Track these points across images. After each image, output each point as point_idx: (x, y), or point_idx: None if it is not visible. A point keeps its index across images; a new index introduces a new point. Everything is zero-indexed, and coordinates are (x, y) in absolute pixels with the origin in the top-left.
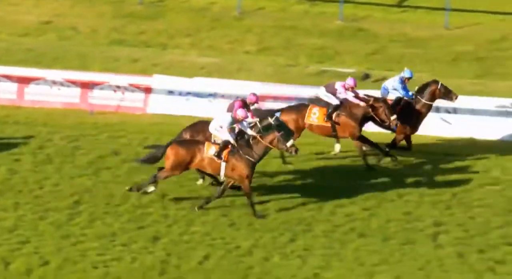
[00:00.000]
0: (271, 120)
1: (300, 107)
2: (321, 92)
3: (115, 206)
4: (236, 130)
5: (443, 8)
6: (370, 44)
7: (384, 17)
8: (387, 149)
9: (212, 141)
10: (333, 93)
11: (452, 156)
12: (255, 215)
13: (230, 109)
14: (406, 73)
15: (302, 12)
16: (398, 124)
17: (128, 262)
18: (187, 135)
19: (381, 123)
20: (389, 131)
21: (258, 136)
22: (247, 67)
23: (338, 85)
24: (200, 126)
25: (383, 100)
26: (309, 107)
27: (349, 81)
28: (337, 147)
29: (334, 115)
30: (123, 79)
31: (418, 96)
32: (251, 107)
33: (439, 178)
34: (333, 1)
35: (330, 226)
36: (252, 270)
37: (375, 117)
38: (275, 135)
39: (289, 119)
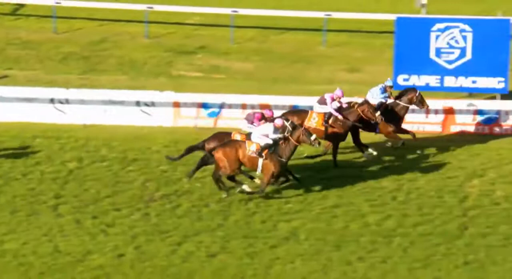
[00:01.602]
0: (286, 124)
1: (302, 112)
2: (316, 106)
3: None
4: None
5: (51, 16)
6: None
7: (1, 23)
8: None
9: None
10: (325, 104)
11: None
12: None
13: (251, 119)
14: (388, 82)
15: None
16: (383, 122)
17: None
18: (210, 146)
19: (366, 126)
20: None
21: (288, 135)
22: None
23: (327, 96)
24: (221, 137)
25: (366, 102)
26: (309, 113)
27: (337, 92)
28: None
29: (330, 120)
30: None
31: (397, 100)
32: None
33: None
34: None
35: None
36: None
37: (363, 116)
38: (300, 131)
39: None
